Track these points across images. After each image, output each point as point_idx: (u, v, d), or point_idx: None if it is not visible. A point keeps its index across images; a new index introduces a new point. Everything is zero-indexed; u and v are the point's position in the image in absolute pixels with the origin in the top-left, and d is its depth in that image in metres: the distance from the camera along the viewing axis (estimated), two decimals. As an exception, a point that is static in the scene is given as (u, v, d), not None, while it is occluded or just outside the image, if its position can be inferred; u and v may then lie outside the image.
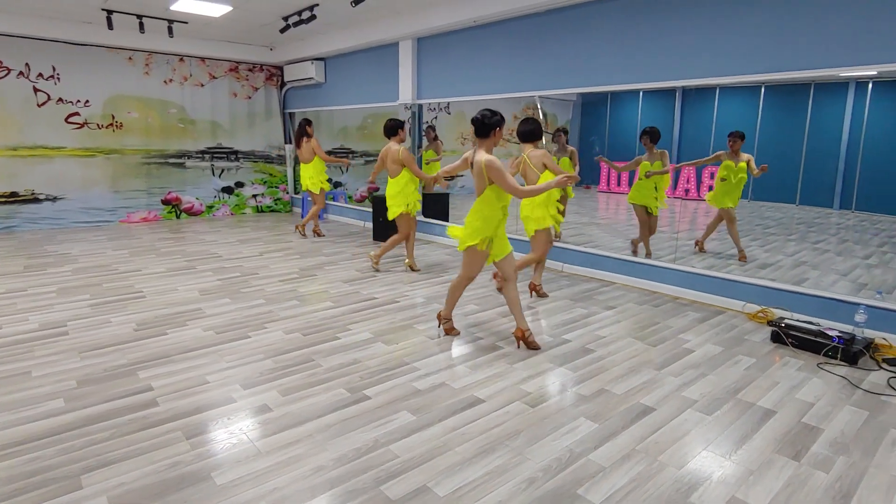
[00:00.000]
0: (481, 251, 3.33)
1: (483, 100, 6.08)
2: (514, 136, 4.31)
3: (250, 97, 9.11)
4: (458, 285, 3.53)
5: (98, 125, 7.71)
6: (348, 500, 1.98)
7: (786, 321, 3.61)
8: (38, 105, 7.25)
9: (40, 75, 7.21)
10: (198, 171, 8.72)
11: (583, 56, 5.04)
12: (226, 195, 9.05)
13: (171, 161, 8.44)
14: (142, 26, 6.56)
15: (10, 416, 2.53)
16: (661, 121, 5.79)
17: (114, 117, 7.82)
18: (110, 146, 7.86)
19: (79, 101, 7.52)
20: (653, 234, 5.16)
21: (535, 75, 5.48)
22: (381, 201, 6.83)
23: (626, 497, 2.02)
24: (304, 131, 6.63)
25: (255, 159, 9.29)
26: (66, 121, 7.47)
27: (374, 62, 7.46)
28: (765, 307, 4.07)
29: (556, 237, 5.60)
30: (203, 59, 8.47)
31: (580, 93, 5.31)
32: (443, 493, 2.02)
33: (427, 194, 7.10)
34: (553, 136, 5.74)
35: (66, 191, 7.58)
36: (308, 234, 7.23)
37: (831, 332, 3.39)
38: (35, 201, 7.39)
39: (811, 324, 3.58)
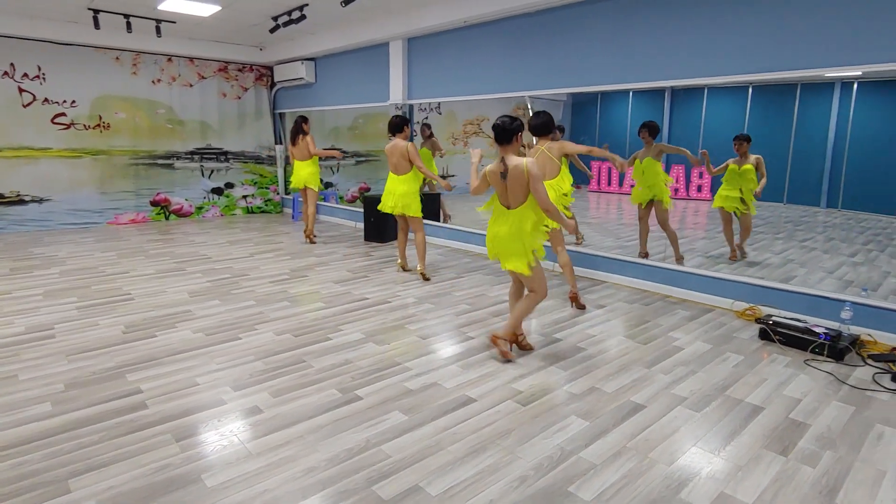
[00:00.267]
0: (539, 262, 3.17)
1: (474, 100, 6.10)
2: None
3: (240, 97, 9.06)
4: (531, 307, 3.22)
5: (85, 126, 7.63)
6: (340, 501, 1.97)
7: (773, 318, 3.65)
8: (24, 105, 7.16)
9: (25, 75, 7.12)
10: (187, 172, 8.65)
11: (573, 56, 5.06)
12: (215, 196, 8.99)
13: (160, 162, 8.36)
14: (129, 26, 6.50)
15: (-5, 420, 2.50)
16: (652, 120, 5.83)
17: (101, 118, 7.74)
18: (97, 147, 7.77)
19: (65, 101, 7.43)
20: (666, 230, 4.92)
21: (526, 75, 5.50)
22: (373, 202, 6.82)
23: (617, 494, 2.03)
24: (301, 128, 6.56)
25: (245, 160, 9.24)
26: (52, 121, 7.39)
27: (365, 62, 7.45)
28: (753, 305, 4.12)
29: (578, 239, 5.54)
30: (192, 59, 8.41)
31: (570, 93, 5.33)
32: (435, 493, 2.02)
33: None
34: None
35: (53, 192, 7.49)
36: (316, 240, 7.05)
37: (818, 329, 3.43)
38: (21, 203, 7.29)
39: (798, 321, 3.62)
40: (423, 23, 6.06)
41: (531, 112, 5.74)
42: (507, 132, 3.04)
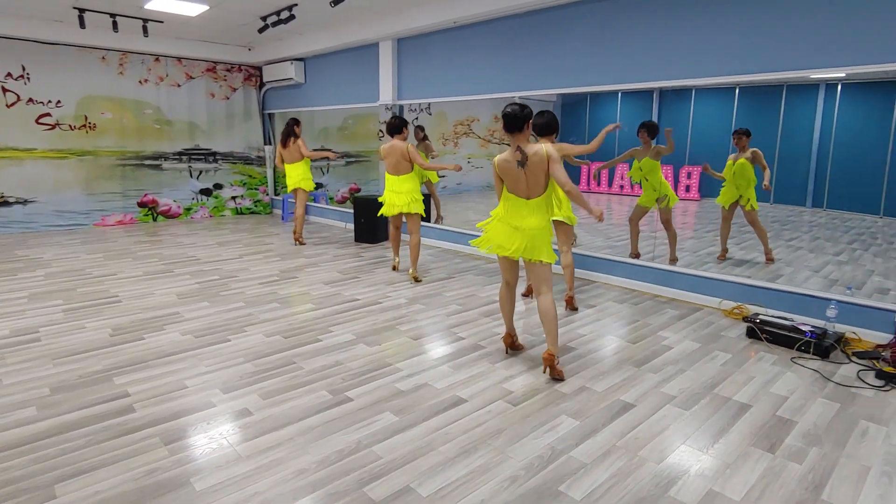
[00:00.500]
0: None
1: (464, 100, 6.11)
2: (495, 136, 4.31)
3: (228, 98, 8.99)
4: (553, 307, 3.03)
5: (70, 126, 7.54)
6: (331, 503, 1.97)
7: (760, 317, 3.69)
8: (8, 105, 7.06)
9: (9, 75, 7.01)
10: (175, 172, 8.57)
11: (562, 57, 5.09)
12: (204, 197, 8.92)
13: (147, 163, 8.28)
14: (115, 25, 6.43)
15: (-21, 425, 2.46)
16: (640, 121, 5.86)
17: (87, 118, 7.65)
18: (83, 148, 7.68)
19: (50, 101, 7.34)
20: (668, 229, 4.93)
21: (515, 76, 5.51)
22: (363, 202, 6.80)
23: (607, 493, 2.04)
24: (292, 131, 6.54)
25: (233, 161, 9.17)
26: (37, 122, 7.28)
27: (355, 63, 7.43)
28: (740, 304, 4.16)
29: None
30: (179, 58, 8.33)
31: (560, 93, 5.36)
32: (426, 494, 2.02)
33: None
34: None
35: (38, 194, 7.39)
36: (306, 241, 7.02)
37: (804, 328, 3.47)
38: (5, 204, 7.18)
39: (785, 319, 3.67)
40: (412, 23, 6.06)
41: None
42: (518, 119, 2.93)
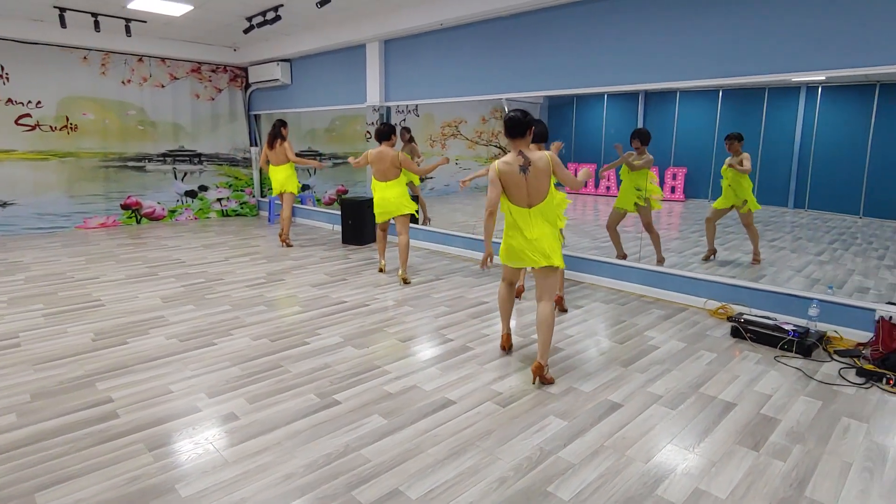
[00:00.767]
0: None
1: (451, 102, 6.11)
2: (482, 138, 4.32)
3: (213, 99, 8.90)
4: (553, 316, 3.01)
5: (51, 127, 7.40)
6: (319, 507, 1.95)
7: (744, 317, 3.75)
8: (-14, 106, 6.92)
9: (-12, 75, 6.88)
10: (159, 174, 8.46)
11: (548, 60, 5.12)
12: (189, 199, 8.82)
13: (131, 164, 8.16)
14: (97, 25, 6.33)
15: (-44, 433, 2.40)
16: (626, 123, 5.91)
17: (68, 119, 7.52)
18: (65, 149, 7.55)
19: (30, 102, 7.20)
20: (650, 231, 5.02)
21: (502, 78, 5.53)
22: (350, 204, 6.77)
23: (596, 492, 2.05)
24: (279, 132, 6.50)
25: (219, 162, 9.08)
26: (17, 123, 7.14)
27: (342, 64, 7.40)
28: (725, 303, 4.22)
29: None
30: (163, 59, 8.23)
31: (546, 95, 5.39)
32: (415, 496, 2.01)
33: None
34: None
35: (18, 196, 7.24)
36: (293, 243, 6.97)
37: (787, 327, 3.53)
38: (-17, 207, 7.05)
39: (768, 319, 3.72)
40: (399, 25, 6.05)
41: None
42: (521, 125, 2.91)
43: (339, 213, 7.22)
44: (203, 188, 8.96)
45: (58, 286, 4.78)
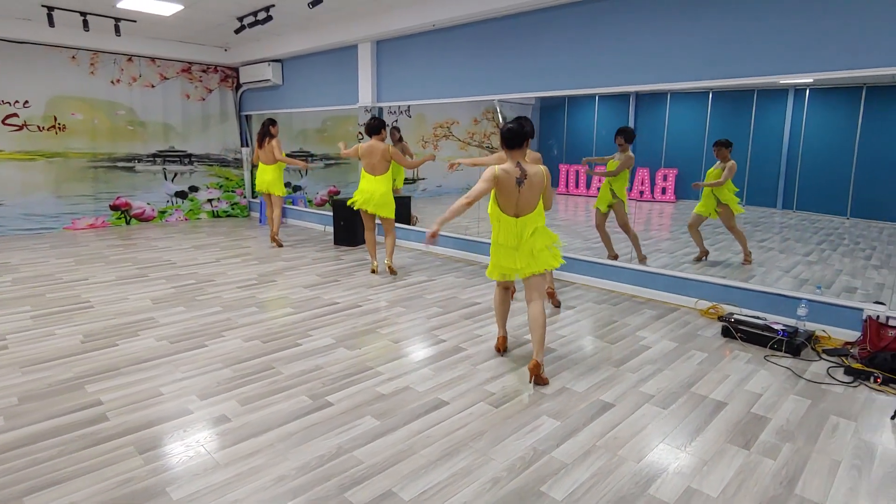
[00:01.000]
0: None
1: (443, 103, 6.12)
2: (474, 139, 4.34)
3: (204, 99, 8.84)
4: (544, 314, 3.07)
5: (39, 127, 7.32)
6: (312, 509, 1.95)
7: (735, 316, 3.78)
8: (-28, 105, 6.84)
9: (-26, 74, 6.80)
10: (149, 175, 8.39)
11: (541, 61, 5.14)
12: (179, 200, 8.75)
13: (120, 165, 8.09)
14: (86, 24, 6.27)
15: (-58, 437, 2.37)
16: (617, 124, 5.94)
17: (56, 119, 7.44)
18: (53, 149, 7.47)
19: (17, 101, 7.12)
20: (627, 231, 5.10)
21: (494, 79, 5.55)
22: (343, 205, 6.75)
23: (588, 492, 2.06)
24: (268, 131, 6.50)
25: (209, 163, 9.02)
26: (4, 122, 7.05)
27: (333, 64, 7.38)
28: (715, 303, 4.25)
29: None
30: (153, 59, 8.17)
31: (538, 97, 5.41)
32: (408, 498, 2.01)
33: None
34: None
35: (5, 196, 7.15)
36: (284, 243, 6.95)
37: (776, 326, 3.57)
38: (-31, 208, 6.95)
39: (758, 318, 3.76)
40: (391, 25, 6.05)
41: (500, 115, 5.79)
42: (519, 136, 2.96)
43: (331, 214, 7.19)
44: (193, 189, 8.89)
45: (46, 288, 4.72)
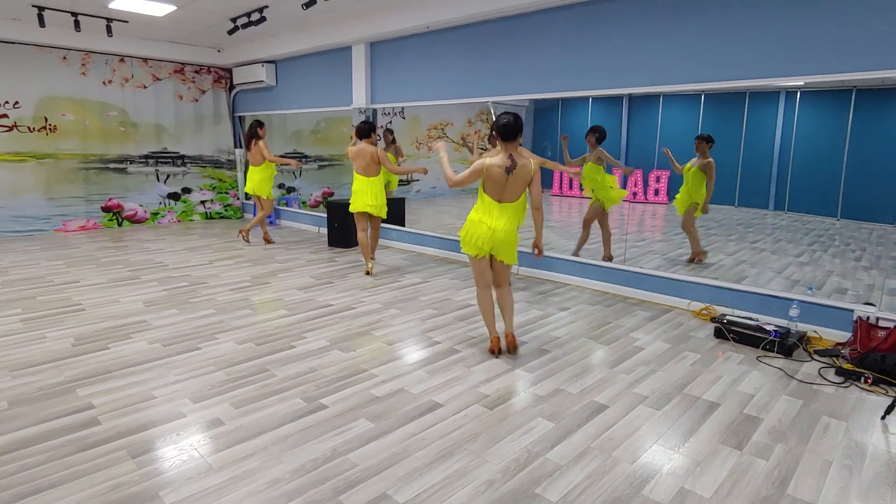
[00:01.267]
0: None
1: (437, 105, 6.12)
2: (469, 140, 4.36)
3: (197, 100, 8.80)
4: (512, 295, 3.48)
5: (29, 128, 7.25)
6: (306, 513, 1.94)
7: (727, 317, 3.80)
8: (-39, 106, 6.76)
9: (-37, 74, 6.72)
10: (141, 176, 8.34)
11: (534, 63, 5.16)
12: (172, 201, 8.70)
13: (112, 166, 8.03)
14: (77, 24, 6.22)
15: (-69, 442, 2.34)
16: (610, 126, 5.98)
17: (46, 120, 7.37)
18: (43, 150, 7.40)
19: (7, 102, 7.05)
20: (585, 228, 5.35)
21: (488, 81, 5.56)
22: (337, 206, 6.74)
23: (583, 493, 2.07)
24: (255, 133, 6.52)
25: (203, 164, 8.98)
26: (-7, 123, 7.00)
27: (327, 66, 7.37)
28: (708, 305, 4.28)
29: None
30: (145, 59, 8.12)
31: (532, 99, 5.42)
32: (403, 500, 2.01)
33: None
34: (489, 138, 5.83)
35: (-6, 198, 7.09)
36: (251, 240, 7.04)
37: (768, 327, 3.59)
38: (-42, 209, 6.88)
39: (750, 319, 3.78)
40: (385, 27, 6.04)
41: (494, 117, 5.80)
42: (513, 129, 3.12)
43: (325, 215, 7.18)
44: (186, 190, 8.84)
45: (36, 290, 4.68)
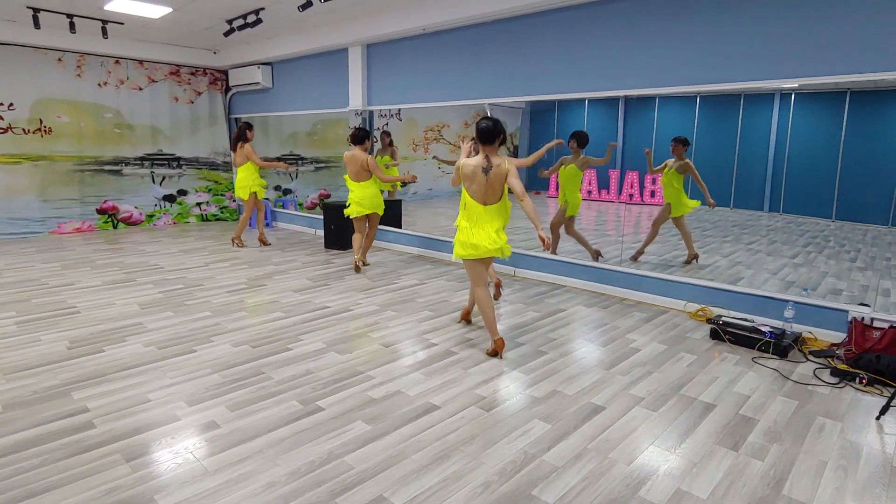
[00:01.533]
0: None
1: (434, 107, 6.12)
2: (464, 142, 4.36)
3: (193, 102, 8.78)
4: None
5: (24, 130, 7.22)
6: (302, 516, 1.93)
7: (723, 319, 3.81)
8: (-45, 108, 6.73)
9: (-43, 76, 6.69)
10: (136, 178, 8.31)
11: (530, 65, 5.17)
12: (167, 204, 8.67)
13: (107, 168, 8.00)
14: (72, 26, 6.21)
15: (-77, 446, 2.32)
16: (607, 128, 6.00)
17: (41, 122, 7.35)
18: (38, 152, 7.37)
19: (2, 104, 7.02)
20: (553, 231, 5.44)
21: (485, 83, 5.57)
22: (333, 208, 6.74)
23: (580, 495, 2.07)
24: (245, 135, 6.51)
25: (198, 166, 8.95)
26: (-12, 125, 6.97)
27: (324, 67, 7.37)
28: (704, 306, 4.29)
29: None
30: (141, 61, 8.10)
31: (528, 101, 5.43)
32: (399, 503, 2.00)
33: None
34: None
35: (-12, 200, 7.06)
36: (246, 244, 6.99)
37: (764, 328, 3.60)
38: (-48, 212, 6.83)
39: (746, 321, 3.79)
40: (382, 29, 6.05)
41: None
42: (493, 133, 3.32)
43: (322, 217, 7.17)
44: (182, 192, 8.82)
45: (31, 293, 4.65)
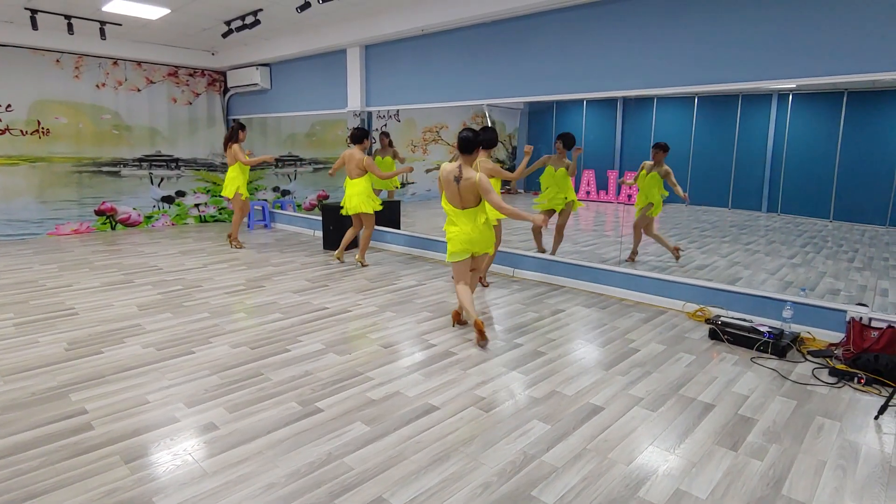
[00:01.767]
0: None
1: (432, 108, 6.13)
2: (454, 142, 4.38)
3: (191, 103, 8.78)
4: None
5: (22, 131, 7.21)
6: (301, 517, 1.93)
7: (722, 319, 3.82)
8: (-47, 109, 6.72)
9: (-46, 77, 6.68)
10: (135, 179, 8.30)
11: (528, 66, 5.17)
12: (166, 205, 8.66)
13: (105, 169, 7.99)
14: (70, 27, 6.20)
15: (-79, 449, 2.31)
16: (605, 129, 6.02)
17: (39, 123, 7.33)
18: (36, 154, 7.36)
19: (0, 105, 7.01)
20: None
21: (483, 84, 5.57)
22: (332, 209, 6.73)
23: (579, 496, 2.07)
24: (236, 135, 6.54)
25: (197, 167, 8.95)
26: (-15, 126, 6.95)
27: (322, 69, 7.37)
28: (703, 306, 4.29)
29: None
30: (139, 62, 8.09)
31: (526, 101, 5.44)
32: (399, 504, 2.00)
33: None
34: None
35: (-14, 202, 7.04)
36: (243, 245, 6.99)
37: (762, 328, 3.61)
38: (-51, 213, 6.82)
39: (744, 321, 3.80)
40: (380, 30, 6.05)
41: (489, 120, 5.82)
42: (471, 143, 3.52)
43: (320, 218, 7.17)
44: (180, 193, 8.81)
45: (29, 294, 4.64)
